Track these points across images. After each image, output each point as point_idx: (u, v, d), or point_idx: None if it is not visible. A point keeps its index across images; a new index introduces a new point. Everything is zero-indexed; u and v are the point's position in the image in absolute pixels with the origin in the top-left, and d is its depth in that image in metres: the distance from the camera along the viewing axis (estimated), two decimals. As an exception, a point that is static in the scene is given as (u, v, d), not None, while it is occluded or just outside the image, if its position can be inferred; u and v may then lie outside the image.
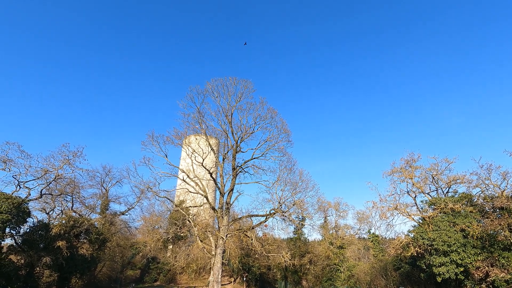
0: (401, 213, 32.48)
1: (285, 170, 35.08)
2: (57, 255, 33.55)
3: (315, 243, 59.78)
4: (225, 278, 56.70)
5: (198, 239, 35.74)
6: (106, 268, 49.19)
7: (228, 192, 33.61)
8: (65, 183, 38.27)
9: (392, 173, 33.43)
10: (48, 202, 38.93)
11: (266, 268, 57.47)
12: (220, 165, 34.54)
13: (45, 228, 34.86)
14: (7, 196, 30.99)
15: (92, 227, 39.36)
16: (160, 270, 55.70)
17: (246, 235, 36.74)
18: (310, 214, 41.74)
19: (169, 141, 32.61)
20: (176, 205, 43.19)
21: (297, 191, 34.87)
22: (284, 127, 35.14)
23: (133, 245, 54.98)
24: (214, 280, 31.32)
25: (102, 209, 44.80)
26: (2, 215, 28.96)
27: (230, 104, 33.98)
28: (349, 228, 56.66)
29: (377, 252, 49.85)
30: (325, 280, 50.62)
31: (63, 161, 36.26)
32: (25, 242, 33.14)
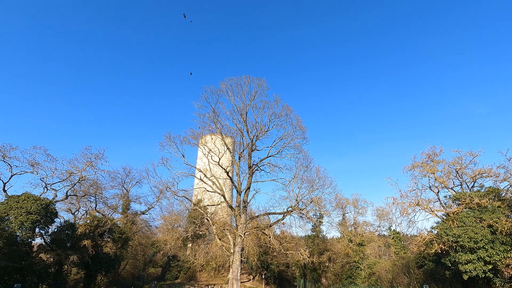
0: (423, 209, 31.44)
1: (301, 167, 34.80)
2: (83, 254, 34.99)
3: (333, 241, 59.10)
4: (244, 275, 57.15)
5: (216, 237, 36.17)
6: (129, 266, 50.85)
7: (245, 190, 33.75)
8: (88, 184, 39.81)
9: (413, 168, 32.41)
10: (73, 203, 40.66)
11: (284, 266, 57.40)
12: (236, 164, 34.73)
13: (71, 227, 36.42)
14: (35, 197, 32.63)
15: (115, 227, 40.74)
16: (181, 268, 56.89)
17: (263, 233, 36.81)
18: (328, 211, 41.23)
19: (185, 141, 33.13)
20: (194, 204, 43.85)
21: (314, 188, 34.53)
22: (299, 124, 34.85)
23: (154, 243, 56.44)
24: (233, 278, 31.61)
25: (123, 209, 46.27)
26: (32, 216, 30.52)
27: (244, 102, 34.08)
28: (369, 225, 55.61)
29: (398, 249, 48.61)
30: (345, 278, 49.96)
31: (86, 163, 37.73)
32: (54, 241, 34.77)
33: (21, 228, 30.17)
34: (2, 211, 30.51)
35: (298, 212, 34.01)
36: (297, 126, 34.62)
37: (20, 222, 29.86)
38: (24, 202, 31.22)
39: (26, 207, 30.65)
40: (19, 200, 31.44)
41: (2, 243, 28.57)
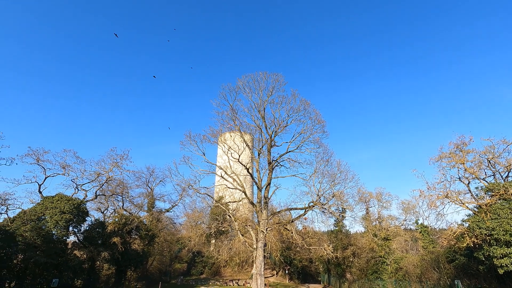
0: (453, 201, 30.00)
1: (322, 161, 34.26)
2: (113, 250, 36.67)
3: (357, 235, 57.92)
4: (267, 271, 57.53)
5: (239, 233, 36.56)
6: (156, 262, 52.67)
7: (265, 186, 33.78)
8: (115, 184, 41.57)
9: (440, 159, 30.95)
10: (102, 202, 42.65)
11: (307, 261, 57.14)
12: (256, 160, 34.80)
13: (101, 226, 38.23)
14: (68, 198, 34.53)
15: (141, 224, 42.30)
16: (205, 263, 58.18)
17: (286, 229, 36.76)
18: (351, 206, 40.31)
19: (205, 139, 33.59)
20: (216, 201, 44.54)
21: (336, 183, 33.92)
22: (318, 118, 34.26)
23: (179, 240, 58.07)
24: (257, 273, 31.87)
25: (149, 207, 47.91)
26: (66, 215, 32.35)
27: (262, 99, 34.00)
28: (394, 219, 53.84)
29: (426, 243, 46.82)
30: (371, 273, 48.88)
31: (112, 164, 39.39)
32: (86, 239, 36.69)
33: (56, 227, 32.10)
34: (39, 211, 32.58)
35: (320, 207, 33.60)
36: (316, 120, 34.10)
37: (55, 221, 31.76)
38: (58, 202, 33.14)
39: (60, 207, 32.53)
40: (54, 201, 33.41)
41: (40, 241, 30.54)
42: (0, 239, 27.77)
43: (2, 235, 28.21)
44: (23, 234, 30.03)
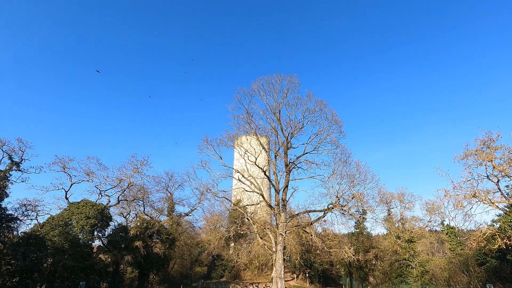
0: (481, 200, 28.47)
1: (340, 162, 33.63)
2: (136, 254, 37.61)
3: (379, 238, 56.29)
4: (287, 274, 56.96)
5: (258, 236, 36.49)
6: (177, 265, 53.48)
7: (283, 188, 33.57)
8: (136, 189, 42.74)
9: (466, 157, 29.51)
10: (124, 207, 43.94)
11: (328, 264, 56.09)
12: (272, 163, 34.70)
13: (124, 230, 39.36)
14: (92, 203, 35.84)
15: (162, 228, 43.16)
16: (225, 267, 58.41)
17: (305, 231, 36.31)
18: (372, 207, 39.23)
19: (222, 143, 33.92)
20: (234, 204, 44.75)
21: (355, 184, 33.12)
22: (335, 118, 33.74)
23: (198, 243, 58.71)
24: (277, 276, 31.62)
25: (168, 211, 48.83)
26: (91, 220, 33.57)
27: (277, 101, 33.96)
28: (418, 220, 51.90)
29: (454, 245, 44.74)
30: (395, 277, 47.27)
31: (133, 170, 40.56)
32: (110, 243, 37.87)
33: (82, 232, 33.37)
34: (66, 217, 34.02)
35: (340, 208, 32.94)
36: (332, 120, 33.59)
37: (81, 226, 33.04)
38: (83, 207, 34.48)
39: (85, 212, 33.82)
40: (79, 206, 34.79)
41: (68, 245, 31.84)
42: (32, 244, 29.22)
43: (33, 240, 29.67)
44: (52, 239, 31.44)
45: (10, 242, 29.39)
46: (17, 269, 28.40)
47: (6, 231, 29.79)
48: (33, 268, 29.14)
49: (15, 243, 29.36)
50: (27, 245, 29.07)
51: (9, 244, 29.06)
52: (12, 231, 30.69)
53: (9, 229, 30.20)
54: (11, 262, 28.65)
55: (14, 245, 28.99)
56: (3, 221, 28.98)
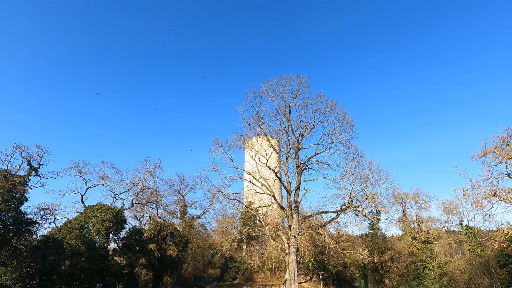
0: (502, 199, 27.41)
1: (352, 163, 33.15)
2: (150, 256, 38.08)
3: (395, 239, 55.15)
4: (300, 276, 56.41)
5: (270, 238, 36.31)
6: (190, 267, 53.84)
7: (295, 190, 33.32)
8: (149, 192, 43.37)
9: (484, 155, 28.53)
10: (138, 210, 44.64)
11: (342, 266, 55.26)
12: (284, 164, 34.53)
13: (138, 233, 39.95)
14: (107, 207, 36.56)
15: (175, 231, 43.59)
16: (238, 269, 58.39)
17: (318, 233, 35.90)
18: (386, 208, 38.43)
19: (233, 145, 33.98)
20: (246, 206, 44.73)
21: (368, 184, 32.54)
22: (346, 118, 33.31)
23: (211, 245, 58.96)
24: (290, 279, 31.34)
25: (181, 214, 49.28)
26: (106, 223, 34.23)
27: (287, 102, 33.80)
28: (434, 221, 50.58)
29: (473, 246, 43.29)
30: (412, 279, 46.12)
31: (146, 174, 41.20)
32: (125, 246, 38.50)
33: (98, 234, 34.07)
34: (82, 220, 34.83)
35: (353, 209, 32.45)
36: (343, 120, 33.18)
37: (97, 229, 33.73)
38: (98, 211, 35.21)
39: (100, 216, 34.53)
40: (95, 210, 35.56)
41: (84, 248, 32.56)
42: (50, 247, 30.03)
43: (52, 243, 30.49)
44: (69, 241, 32.23)
45: (29, 245, 30.31)
46: (37, 272, 29.24)
47: (26, 235, 30.73)
48: (52, 271, 29.93)
49: (34, 246, 30.27)
50: (46, 248, 29.90)
51: (29, 247, 29.97)
52: (31, 235, 31.64)
53: (29, 233, 31.15)
54: (31, 265, 29.53)
55: (34, 248, 29.88)
56: (23, 225, 29.90)
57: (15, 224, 29.11)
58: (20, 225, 29.62)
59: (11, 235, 28.80)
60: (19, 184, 29.85)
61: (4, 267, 27.55)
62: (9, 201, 28.50)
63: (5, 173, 29.79)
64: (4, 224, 28.29)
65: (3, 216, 28.34)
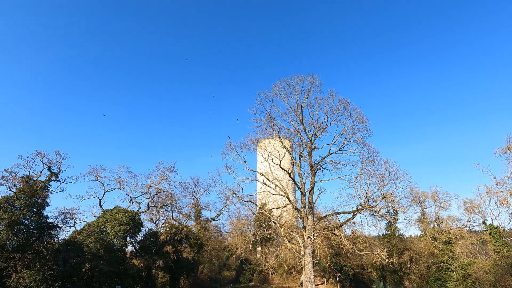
0: (529, 197, 26.14)
1: (367, 162, 32.55)
2: (167, 259, 38.54)
3: (414, 239, 53.58)
4: (317, 278, 55.64)
5: (285, 239, 36.04)
6: (206, 269, 54.12)
7: (309, 190, 32.98)
8: (164, 195, 43.95)
9: (508, 150, 27.26)
10: (153, 213, 45.30)
11: (359, 268, 54.16)
12: (297, 165, 34.25)
13: (155, 235, 40.53)
14: (124, 210, 37.29)
15: (190, 233, 43.96)
16: (253, 271, 58.25)
17: (333, 234, 35.34)
18: (404, 207, 37.45)
19: (245, 147, 34.03)
20: (260, 207, 44.60)
21: (385, 183, 31.86)
22: (360, 116, 32.78)
23: (226, 247, 59.11)
24: (307, 281, 30.97)
25: (196, 216, 49.66)
26: (123, 226, 34.90)
27: (298, 102, 33.61)
28: (455, 220, 48.77)
29: (499, 246, 41.40)
30: (433, 281, 44.60)
31: (160, 177, 41.78)
32: (142, 248, 39.14)
33: (116, 237, 34.77)
34: (100, 224, 35.66)
35: (369, 210, 31.81)
36: (357, 118, 32.67)
37: (115, 232, 34.44)
38: (116, 214, 35.97)
39: (118, 219, 35.25)
40: (112, 213, 36.35)
41: (103, 250, 33.30)
42: (71, 250, 30.88)
43: (72, 246, 31.36)
44: (88, 245, 33.07)
45: (51, 249, 31.27)
46: (59, 274, 30.11)
47: (48, 238, 31.75)
48: (73, 273, 30.76)
49: (56, 249, 31.20)
50: (66, 251, 30.77)
51: (50, 251, 30.92)
52: (53, 238, 32.66)
53: (51, 236, 32.17)
54: (53, 268, 30.44)
55: (56, 251, 30.81)
56: (45, 229, 30.91)
57: (37, 228, 30.14)
58: (43, 229, 30.63)
59: (34, 238, 29.82)
60: (41, 189, 30.90)
61: (28, 270, 28.50)
62: (31, 206, 29.55)
63: (27, 179, 30.91)
64: (28, 228, 29.32)
65: (26, 221, 29.39)
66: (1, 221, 27.22)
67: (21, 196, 29.45)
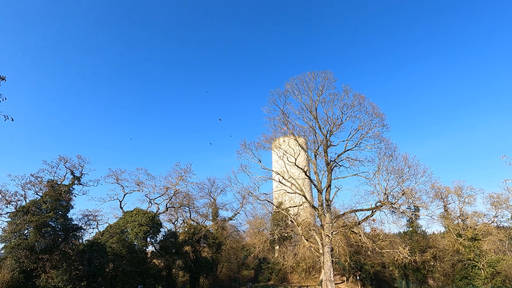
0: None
1: (385, 157, 31.70)
2: (186, 258, 39.19)
3: (437, 236, 51.83)
4: (336, 277, 54.91)
5: (303, 238, 35.76)
6: (225, 269, 54.54)
7: (326, 188, 32.56)
8: (182, 196, 44.69)
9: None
10: (172, 214, 46.16)
11: (380, 266, 52.99)
12: (313, 163, 33.88)
13: (174, 236, 41.30)
14: (144, 211, 38.22)
15: (208, 233, 44.47)
16: (272, 270, 58.19)
17: (352, 232, 34.73)
18: (425, 204, 36.19)
19: (260, 146, 34.00)
20: (276, 206, 44.49)
21: (405, 179, 30.90)
22: (376, 111, 31.97)
23: (244, 247, 59.33)
24: (326, 279, 30.60)
25: (213, 216, 50.17)
26: (143, 227, 35.78)
27: (312, 99, 33.20)
28: (481, 216, 46.67)
29: (529, 242, 39.35)
30: (459, 279, 42.94)
31: (178, 178, 42.55)
32: (162, 248, 40.00)
33: (137, 238, 35.72)
34: (122, 225, 36.73)
35: (389, 206, 30.99)
36: (373, 113, 31.89)
37: (135, 233, 35.39)
38: (136, 216, 36.94)
39: (138, 220, 36.19)
40: (132, 215, 37.35)
41: (125, 251, 34.26)
42: (95, 251, 32.03)
43: (96, 247, 32.51)
44: (111, 245, 34.16)
45: (77, 249, 32.56)
46: (84, 274, 31.31)
47: (73, 239, 33.09)
48: (97, 273, 31.89)
49: (81, 250, 32.46)
50: (91, 252, 31.94)
51: (76, 251, 32.20)
52: (78, 239, 34.02)
53: (76, 238, 33.52)
54: (78, 268, 31.69)
55: (80, 252, 32.05)
56: (70, 231, 32.22)
57: (63, 230, 31.44)
58: (68, 230, 31.92)
59: (60, 240, 31.13)
60: (65, 193, 32.21)
61: (55, 270, 29.79)
62: (57, 209, 30.87)
63: (52, 183, 32.30)
64: (54, 230, 30.65)
65: (53, 223, 30.72)
66: (29, 224, 28.60)
67: (47, 199, 30.82)
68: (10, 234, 28.24)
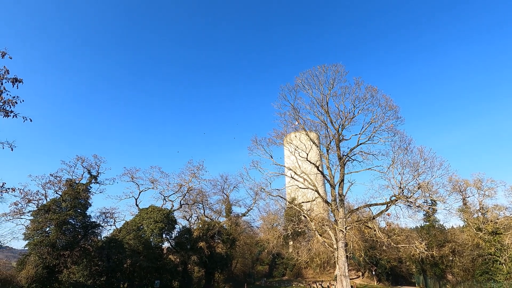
0: None
1: (399, 150, 30.91)
2: (201, 254, 39.82)
3: (455, 230, 50.36)
4: (352, 272, 54.51)
5: (316, 233, 35.55)
6: (239, 264, 55.13)
7: (339, 183, 32.17)
8: (195, 193, 45.29)
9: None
10: (186, 211, 46.90)
11: (397, 261, 52.18)
12: (325, 157, 33.51)
13: (188, 232, 41.99)
14: (159, 209, 39.01)
15: (222, 229, 44.96)
16: (286, 265, 58.37)
17: (367, 226, 34.23)
18: (442, 197, 35.11)
19: (271, 142, 33.89)
20: (289, 202, 44.38)
21: (420, 172, 30.05)
22: (389, 104, 31.16)
23: (258, 242, 59.70)
24: (341, 274, 30.36)
25: (226, 213, 50.64)
26: (159, 224, 36.55)
27: (323, 93, 32.72)
28: (503, 209, 44.93)
29: (555, 236, 37.68)
30: (479, 274, 41.67)
31: (190, 175, 43.12)
32: (177, 245, 40.77)
33: (153, 235, 36.56)
34: (138, 222, 37.65)
35: (404, 200, 30.30)
36: (386, 106, 31.11)
37: (151, 229, 36.20)
38: (151, 213, 37.77)
39: (153, 217, 37.00)
40: (148, 212, 38.21)
41: (141, 247, 35.15)
42: (113, 247, 33.00)
43: (114, 243, 33.48)
44: (128, 242, 35.10)
45: (96, 246, 33.65)
46: (104, 270, 32.37)
47: (92, 236, 34.21)
48: (116, 268, 32.88)
49: (100, 246, 33.52)
50: (109, 248, 32.93)
51: (95, 248, 33.29)
52: (96, 236, 35.12)
53: (94, 234, 34.63)
54: (98, 263, 32.78)
55: (99, 248, 33.11)
56: (89, 228, 33.30)
57: (82, 227, 32.53)
58: (87, 228, 33.00)
59: (80, 237, 32.25)
60: (83, 191, 33.25)
61: (76, 265, 30.91)
62: (76, 207, 31.94)
63: (71, 182, 33.40)
64: (74, 227, 31.75)
65: (72, 220, 31.83)
66: (51, 221, 29.73)
67: (66, 198, 31.93)
68: (33, 231, 29.48)
